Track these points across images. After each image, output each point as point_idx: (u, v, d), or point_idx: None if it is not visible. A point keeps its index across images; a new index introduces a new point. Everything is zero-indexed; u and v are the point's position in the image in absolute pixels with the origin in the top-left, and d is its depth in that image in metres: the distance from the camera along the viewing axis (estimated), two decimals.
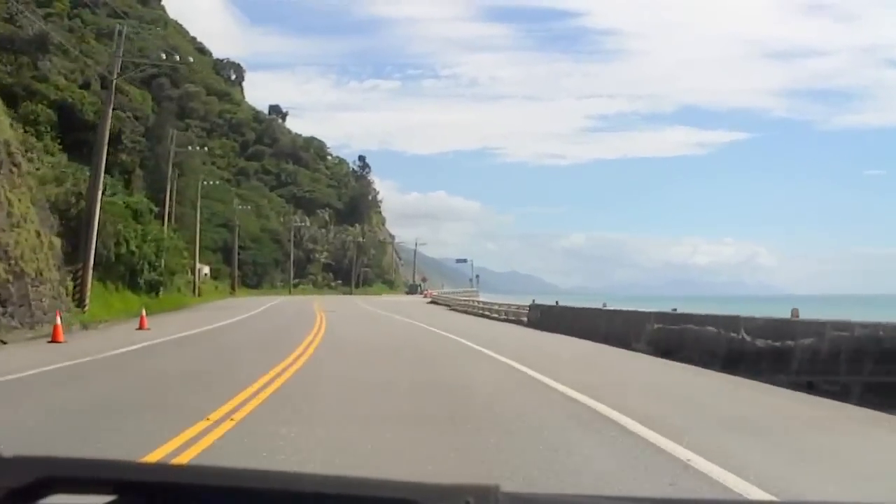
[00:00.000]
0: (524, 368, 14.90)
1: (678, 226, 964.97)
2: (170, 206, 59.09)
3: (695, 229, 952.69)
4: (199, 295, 64.12)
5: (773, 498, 5.81)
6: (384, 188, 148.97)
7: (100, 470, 1.31)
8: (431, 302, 76.09)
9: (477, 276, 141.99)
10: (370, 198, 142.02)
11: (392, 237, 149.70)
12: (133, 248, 38.83)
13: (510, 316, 38.54)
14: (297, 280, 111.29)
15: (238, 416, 8.87)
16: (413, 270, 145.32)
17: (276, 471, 1.28)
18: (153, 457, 6.74)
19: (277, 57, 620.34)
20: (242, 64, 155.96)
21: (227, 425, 8.27)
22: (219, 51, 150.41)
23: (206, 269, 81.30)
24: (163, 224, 64.33)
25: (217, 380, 12.86)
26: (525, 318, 34.69)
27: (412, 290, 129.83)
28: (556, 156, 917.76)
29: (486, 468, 6.59)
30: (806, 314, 13.89)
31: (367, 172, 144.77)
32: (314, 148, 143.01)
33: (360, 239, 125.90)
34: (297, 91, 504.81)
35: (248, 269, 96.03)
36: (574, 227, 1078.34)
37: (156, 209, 78.13)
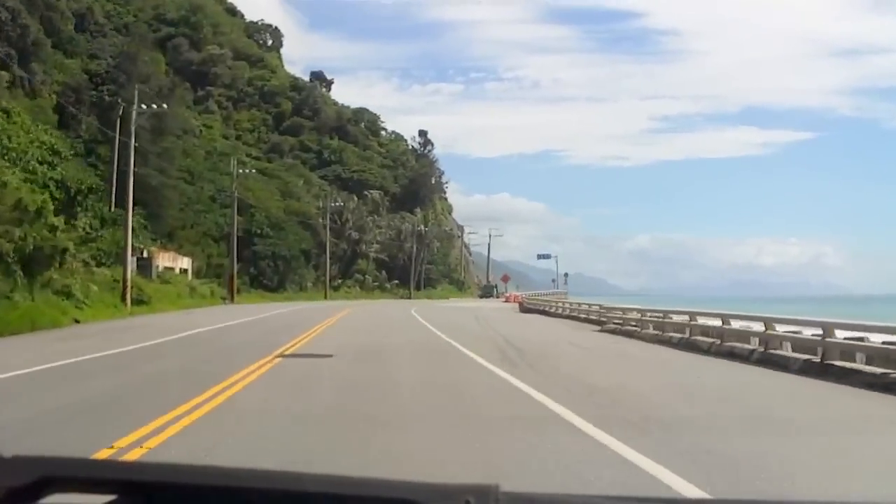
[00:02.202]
0: None
1: (743, 226, 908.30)
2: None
3: (760, 230, 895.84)
4: (132, 304, 34.51)
5: (773, 498, 5.10)
6: (448, 190, 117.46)
7: (100, 470, 1.27)
8: (527, 311, 46.77)
9: (565, 275, 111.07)
10: (433, 180, 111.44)
11: (461, 228, 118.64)
12: None
13: None
14: (339, 280, 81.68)
15: None
16: (487, 269, 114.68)
17: (276, 471, 1.22)
18: None
19: (339, 62, 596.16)
20: (280, 28, 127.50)
21: None
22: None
23: (184, 262, 52.00)
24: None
25: None
26: None
27: (486, 292, 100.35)
28: (620, 157, 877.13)
29: None
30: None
31: (429, 150, 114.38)
32: (365, 121, 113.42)
33: (422, 227, 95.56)
34: (359, 95, 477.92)
35: (265, 266, 66.56)
36: (639, 228, 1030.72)
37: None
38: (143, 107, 37.55)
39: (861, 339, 13.43)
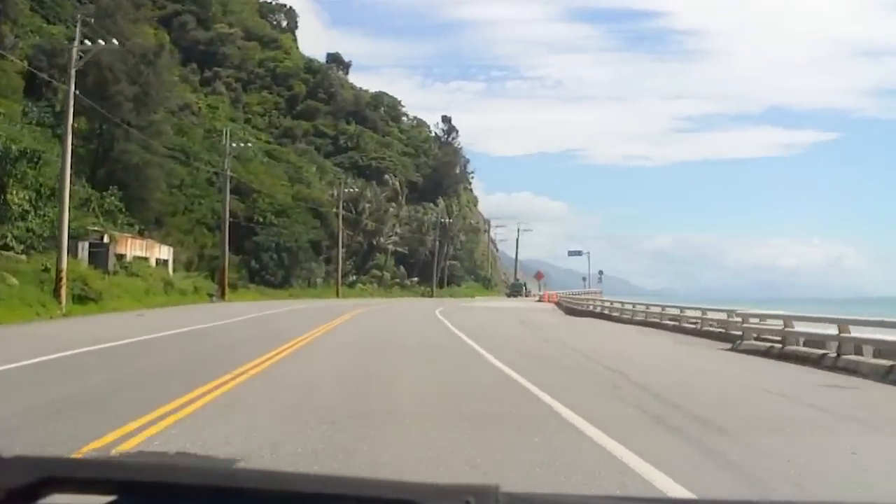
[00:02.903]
0: None
1: (765, 227, 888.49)
2: None
3: (782, 230, 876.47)
4: (72, 301, 25.65)
5: (771, 497, 4.74)
6: (473, 181, 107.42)
7: (100, 470, 1.27)
8: (572, 312, 38.29)
9: (600, 272, 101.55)
10: (458, 169, 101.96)
11: (487, 222, 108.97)
12: None
13: None
14: (354, 276, 72.63)
15: None
16: (515, 265, 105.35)
17: (277, 471, 1.21)
18: None
19: (361, 58, 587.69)
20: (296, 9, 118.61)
21: None
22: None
23: (163, 252, 43.10)
24: None
25: None
26: None
27: (515, 290, 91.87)
28: (642, 157, 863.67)
29: None
30: None
31: (453, 138, 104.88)
32: (385, 106, 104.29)
33: (446, 220, 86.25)
34: (380, 90, 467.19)
35: (268, 259, 57.62)
36: (660, 228, 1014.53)
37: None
38: (88, 42, 28.43)
39: None
